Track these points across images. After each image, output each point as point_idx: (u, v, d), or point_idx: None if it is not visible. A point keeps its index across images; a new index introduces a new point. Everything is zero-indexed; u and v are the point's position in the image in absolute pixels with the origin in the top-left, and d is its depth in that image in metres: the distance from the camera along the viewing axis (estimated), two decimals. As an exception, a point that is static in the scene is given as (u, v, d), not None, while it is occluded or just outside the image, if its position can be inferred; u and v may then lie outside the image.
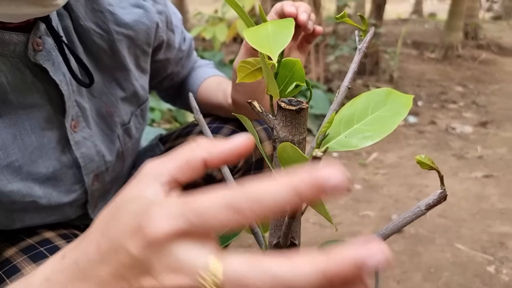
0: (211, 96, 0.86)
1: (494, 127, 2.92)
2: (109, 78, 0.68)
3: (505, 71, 4.63)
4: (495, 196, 1.93)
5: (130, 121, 0.74)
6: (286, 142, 0.36)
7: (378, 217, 1.73)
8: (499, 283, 1.35)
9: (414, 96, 0.46)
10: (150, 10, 0.70)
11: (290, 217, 0.41)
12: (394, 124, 0.47)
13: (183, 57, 0.88)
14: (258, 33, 0.36)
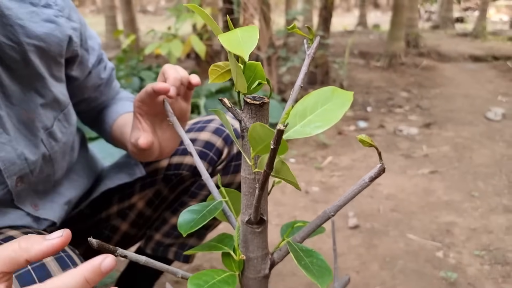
0: (120, 134, 0.90)
1: (437, 128, 3.15)
2: (27, 86, 0.73)
3: (444, 76, 4.97)
4: (441, 190, 2.09)
5: (53, 125, 0.78)
6: (256, 122, 0.44)
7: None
8: (447, 266, 1.49)
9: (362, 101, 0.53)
10: (63, 25, 0.76)
11: (260, 190, 0.48)
12: (339, 115, 0.55)
13: (102, 84, 0.92)
14: (230, 38, 0.44)
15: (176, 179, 0.95)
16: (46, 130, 0.76)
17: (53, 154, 0.79)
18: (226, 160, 0.92)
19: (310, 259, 0.58)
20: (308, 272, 0.55)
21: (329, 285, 0.55)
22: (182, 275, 0.53)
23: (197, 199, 0.96)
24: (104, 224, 1.01)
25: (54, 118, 0.78)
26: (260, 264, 0.59)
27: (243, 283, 0.60)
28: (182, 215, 0.59)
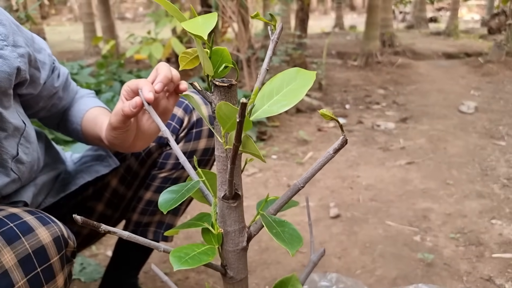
0: (91, 129, 0.92)
1: (413, 122, 3.24)
2: None
3: (419, 73, 5.11)
4: (417, 179, 2.17)
5: (18, 151, 0.80)
6: (221, 102, 0.48)
7: (318, 206, 1.89)
8: (424, 248, 1.55)
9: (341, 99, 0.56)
10: (10, 57, 0.74)
11: (231, 163, 0.52)
12: (303, 93, 0.60)
13: (57, 91, 0.94)
14: (192, 22, 0.48)
15: (144, 152, 1.02)
16: (13, 159, 0.78)
17: (21, 175, 0.82)
18: (187, 127, 1.00)
19: (282, 228, 0.62)
20: (279, 239, 0.59)
21: (297, 250, 0.60)
22: (164, 249, 0.57)
23: (166, 169, 1.02)
24: (80, 207, 1.04)
25: (17, 145, 0.80)
26: (238, 237, 0.63)
27: (223, 256, 0.64)
28: (163, 195, 0.62)
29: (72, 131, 0.98)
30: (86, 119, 0.94)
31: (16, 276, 0.61)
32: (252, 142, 0.51)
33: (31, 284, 0.62)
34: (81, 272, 1.45)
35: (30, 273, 0.62)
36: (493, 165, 2.32)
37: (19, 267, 0.61)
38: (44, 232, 0.66)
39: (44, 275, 0.64)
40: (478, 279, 1.38)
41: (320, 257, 0.80)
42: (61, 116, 1.00)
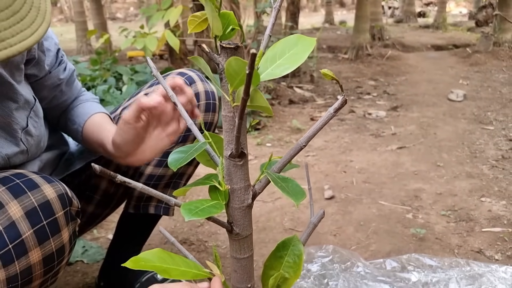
0: (95, 133, 0.95)
1: (404, 110, 3.30)
2: (0, 95, 0.79)
3: (409, 65, 5.18)
4: (409, 162, 2.22)
5: (28, 123, 0.85)
6: (231, 57, 0.52)
7: (313, 189, 1.93)
8: (417, 224, 1.60)
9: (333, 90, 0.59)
10: None
11: (239, 119, 0.56)
12: (304, 57, 0.64)
13: (61, 84, 0.98)
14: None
15: None
16: (23, 130, 0.84)
17: (30, 147, 0.87)
18: None
19: (286, 184, 0.67)
20: (284, 191, 0.63)
21: (301, 201, 0.64)
22: (175, 202, 0.61)
23: None
24: (84, 185, 1.08)
25: (27, 117, 0.85)
26: (244, 195, 0.67)
27: (229, 214, 0.68)
28: (172, 155, 0.66)
29: (71, 130, 1.01)
30: (90, 123, 0.97)
31: (23, 227, 0.64)
32: (260, 94, 0.55)
33: (37, 235, 0.66)
34: (83, 254, 1.49)
35: (36, 225, 0.66)
36: (482, 148, 2.38)
37: (26, 219, 0.65)
38: (49, 188, 0.69)
39: (50, 228, 0.68)
40: (469, 252, 1.44)
41: (320, 218, 0.84)
42: (61, 111, 1.03)
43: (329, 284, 1.02)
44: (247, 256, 0.70)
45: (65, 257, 0.72)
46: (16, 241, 0.64)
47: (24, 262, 0.64)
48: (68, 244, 0.72)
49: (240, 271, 0.71)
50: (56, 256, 0.69)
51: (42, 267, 0.68)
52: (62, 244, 0.70)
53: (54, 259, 0.69)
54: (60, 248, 0.70)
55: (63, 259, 0.71)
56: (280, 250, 0.78)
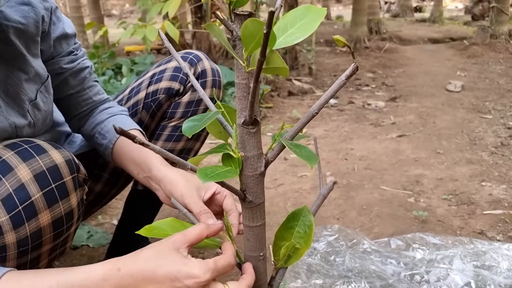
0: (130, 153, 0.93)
1: (402, 101, 3.32)
2: (11, 65, 0.80)
3: (406, 57, 5.20)
4: (409, 150, 2.24)
5: (37, 97, 0.86)
6: (248, 19, 0.53)
7: (315, 175, 1.94)
8: (419, 207, 1.62)
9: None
10: (37, 6, 0.83)
11: (254, 82, 0.57)
12: (315, 27, 0.65)
13: (65, 73, 0.95)
14: None
15: (154, 104, 1.08)
16: (31, 102, 0.85)
17: (36, 121, 0.87)
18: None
19: (299, 150, 0.68)
20: (299, 155, 0.65)
21: (315, 164, 0.65)
22: (191, 167, 0.62)
23: (175, 118, 1.09)
24: (93, 163, 1.09)
25: (36, 91, 0.86)
26: (257, 163, 0.68)
27: (242, 182, 0.69)
28: (186, 123, 0.67)
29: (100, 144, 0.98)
30: (124, 142, 0.95)
31: (32, 189, 0.65)
32: (277, 54, 0.56)
33: (47, 198, 0.67)
34: (88, 239, 1.49)
35: (45, 188, 0.67)
36: (481, 136, 2.40)
37: (35, 182, 0.66)
38: (57, 154, 0.70)
39: (59, 191, 0.68)
40: (471, 233, 1.45)
41: (329, 190, 0.85)
42: (78, 113, 1.02)
43: (336, 261, 1.04)
44: (260, 224, 0.72)
45: (73, 223, 0.73)
46: (25, 203, 0.64)
47: (34, 224, 0.65)
48: (77, 210, 0.73)
49: (252, 239, 0.72)
50: (65, 221, 0.70)
51: (51, 231, 0.68)
52: (70, 208, 0.71)
53: (63, 223, 0.70)
54: (69, 213, 0.70)
55: (71, 224, 0.72)
56: (291, 221, 0.80)
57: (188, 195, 0.81)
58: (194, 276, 0.60)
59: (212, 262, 0.63)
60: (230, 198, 0.86)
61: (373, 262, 1.06)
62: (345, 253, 1.05)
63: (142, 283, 0.59)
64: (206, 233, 0.67)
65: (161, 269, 0.60)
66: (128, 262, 0.60)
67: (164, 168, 0.88)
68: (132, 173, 0.94)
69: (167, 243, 0.63)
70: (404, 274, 1.04)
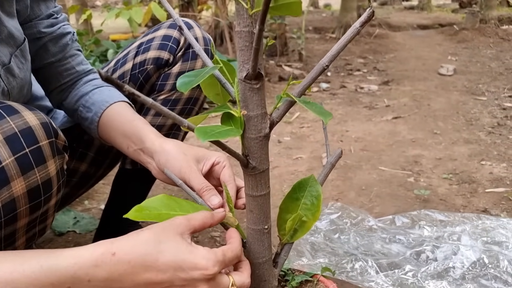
0: (119, 126, 0.85)
1: (395, 84, 3.27)
2: None
3: (397, 43, 5.16)
4: (405, 131, 2.19)
5: (11, 61, 0.77)
6: None
7: (310, 158, 1.88)
8: (419, 187, 1.56)
9: None
10: None
11: (260, 24, 0.50)
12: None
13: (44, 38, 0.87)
14: None
15: (142, 76, 0.99)
16: (3, 66, 0.76)
17: (11, 89, 0.78)
18: (184, 47, 0.99)
19: (311, 106, 0.61)
20: (313, 110, 0.58)
21: (330, 119, 0.58)
22: (188, 125, 0.54)
23: (165, 90, 1.00)
24: (77, 142, 1.01)
25: (10, 54, 0.77)
26: (260, 123, 0.60)
27: (244, 145, 0.61)
28: (180, 79, 0.59)
29: (84, 118, 0.90)
30: (112, 114, 0.86)
31: (2, 153, 0.57)
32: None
33: (20, 163, 0.58)
34: (75, 225, 1.41)
35: (18, 152, 0.58)
36: (476, 116, 2.36)
37: (6, 145, 0.57)
38: (31, 115, 0.62)
39: (34, 156, 0.60)
40: (474, 211, 1.40)
41: (338, 158, 0.79)
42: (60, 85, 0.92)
43: (340, 239, 0.97)
44: (264, 193, 0.64)
45: (52, 194, 0.65)
46: None
47: (6, 193, 0.57)
48: (56, 180, 0.64)
49: (256, 210, 0.65)
50: (43, 191, 0.62)
51: (27, 202, 0.60)
52: (48, 177, 0.62)
53: (41, 194, 0.62)
54: (46, 182, 0.62)
55: (50, 196, 0.64)
56: (296, 192, 0.73)
57: (187, 169, 0.73)
58: (201, 268, 0.53)
59: (221, 254, 0.56)
60: (229, 169, 0.78)
61: (379, 240, 1.00)
62: (350, 231, 0.98)
63: (140, 270, 0.51)
64: (210, 222, 0.61)
65: (164, 255, 0.52)
66: (124, 246, 0.52)
67: (159, 140, 0.79)
68: (121, 148, 0.85)
69: (171, 225, 0.55)
70: (411, 252, 0.98)
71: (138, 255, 0.52)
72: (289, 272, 0.80)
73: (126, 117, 0.85)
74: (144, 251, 0.52)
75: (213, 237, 1.32)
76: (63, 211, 1.44)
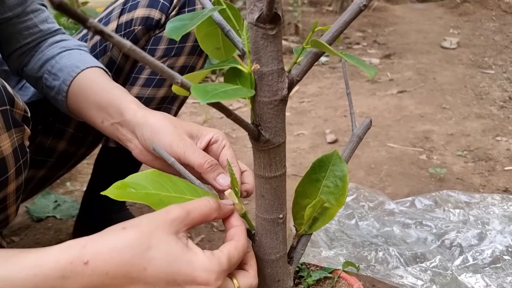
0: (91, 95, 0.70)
1: (397, 58, 3.12)
2: None
3: (396, 16, 4.97)
4: (412, 105, 2.05)
5: None
6: None
7: (313, 134, 1.75)
8: (433, 165, 1.44)
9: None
10: None
11: None
12: None
13: None
14: None
15: (129, 39, 0.83)
16: None
17: None
18: (179, 5, 0.83)
19: (350, 57, 0.48)
20: (355, 62, 0.44)
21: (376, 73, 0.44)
22: (182, 81, 0.39)
23: (156, 56, 0.85)
24: (53, 117, 0.86)
25: None
26: (276, 82, 0.46)
27: (255, 111, 0.47)
28: (170, 23, 0.45)
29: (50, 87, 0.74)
30: (84, 82, 0.71)
31: None
32: None
33: None
34: (55, 209, 1.27)
35: None
36: (486, 90, 2.23)
37: None
38: None
39: None
40: (495, 191, 1.29)
41: (366, 129, 0.65)
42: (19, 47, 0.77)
43: (358, 225, 0.85)
44: (280, 173, 0.51)
45: (9, 179, 0.50)
46: None
47: None
48: (13, 160, 0.50)
49: (269, 195, 0.51)
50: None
51: None
52: (1, 156, 0.48)
53: None
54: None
55: (6, 181, 0.50)
56: (316, 172, 0.59)
57: (180, 143, 0.58)
58: (201, 282, 0.40)
59: (226, 260, 0.43)
60: (230, 149, 0.63)
61: (401, 226, 0.87)
62: (368, 216, 0.85)
63: (121, 283, 0.38)
64: (215, 215, 0.46)
65: (154, 265, 0.39)
66: (100, 250, 0.38)
67: (142, 111, 0.64)
68: (94, 122, 0.69)
69: (163, 221, 0.41)
70: (439, 240, 0.85)
71: (119, 264, 0.38)
72: (303, 267, 0.67)
73: (101, 85, 0.69)
74: (127, 258, 0.38)
75: (209, 222, 1.18)
76: (42, 194, 1.29)
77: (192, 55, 0.86)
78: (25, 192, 0.91)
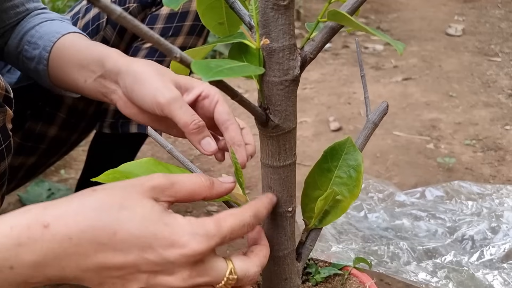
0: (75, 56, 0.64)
1: (401, 45, 3.05)
2: None
3: (399, 2, 4.88)
4: (418, 93, 2.00)
5: None
6: None
7: (316, 121, 1.70)
8: (440, 155, 1.39)
9: None
10: None
11: None
12: None
13: None
14: None
15: None
16: None
17: None
18: None
19: (377, 31, 0.43)
20: (382, 37, 0.40)
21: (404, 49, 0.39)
22: (180, 55, 0.34)
23: None
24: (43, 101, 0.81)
25: None
26: (288, 60, 0.41)
27: (263, 93, 0.42)
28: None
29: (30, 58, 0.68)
30: (65, 46, 0.65)
31: None
32: None
33: None
34: (49, 197, 1.23)
35: None
36: (493, 78, 2.18)
37: None
38: None
39: None
40: (505, 182, 1.24)
41: (383, 115, 0.60)
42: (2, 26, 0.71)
43: (367, 218, 0.80)
44: (289, 163, 0.46)
45: None
46: None
47: None
48: None
49: (277, 187, 0.46)
50: None
51: None
52: None
53: None
54: None
55: None
56: (328, 161, 0.54)
57: (165, 92, 0.52)
58: (180, 245, 0.33)
59: (214, 224, 0.36)
60: (224, 104, 0.56)
61: (412, 219, 0.83)
62: (378, 208, 0.81)
63: (88, 250, 0.32)
64: (205, 193, 0.39)
65: (126, 228, 0.33)
66: (64, 212, 0.32)
67: (124, 58, 0.58)
68: (77, 84, 0.63)
69: (141, 185, 0.35)
70: (452, 234, 0.81)
71: (84, 228, 0.32)
72: (311, 262, 0.62)
73: (82, 45, 0.64)
74: (94, 220, 0.32)
75: (209, 211, 1.14)
76: (35, 181, 1.25)
77: (191, 35, 0.81)
78: (16, 180, 0.87)
